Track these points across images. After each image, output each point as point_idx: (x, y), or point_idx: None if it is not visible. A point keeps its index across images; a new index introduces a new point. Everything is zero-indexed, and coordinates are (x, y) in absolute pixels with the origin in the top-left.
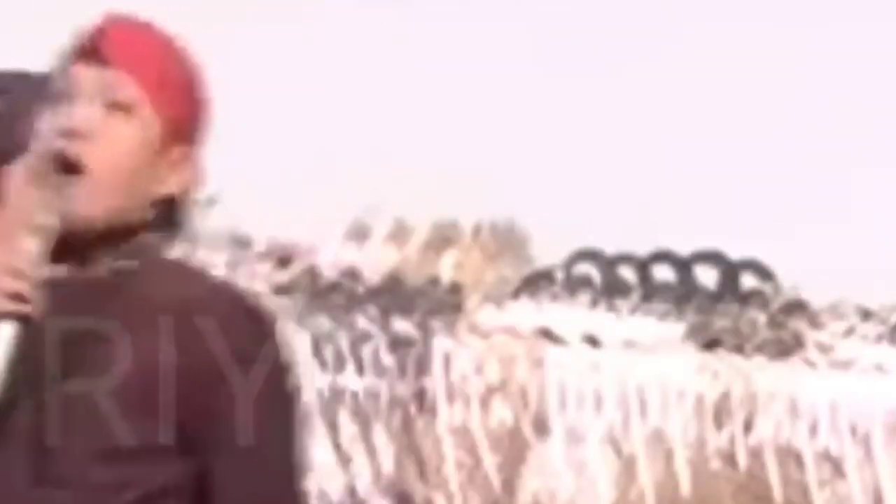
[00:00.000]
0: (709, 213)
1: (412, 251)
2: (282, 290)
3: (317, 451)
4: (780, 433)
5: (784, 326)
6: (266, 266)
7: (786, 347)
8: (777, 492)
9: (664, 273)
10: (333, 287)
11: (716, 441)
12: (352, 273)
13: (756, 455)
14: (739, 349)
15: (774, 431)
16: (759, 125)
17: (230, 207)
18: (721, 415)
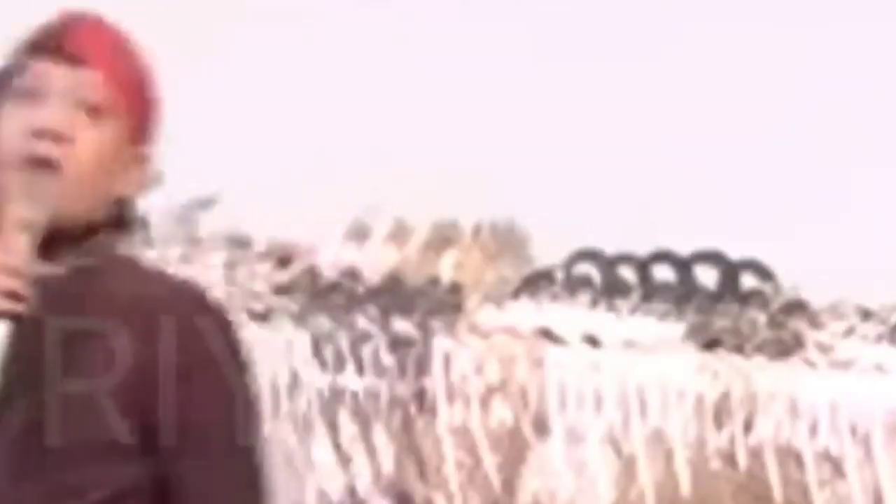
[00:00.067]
0: (709, 213)
1: (412, 251)
2: (282, 290)
3: (317, 451)
4: (780, 433)
5: (784, 326)
6: (266, 266)
7: (786, 347)
8: (777, 492)
9: (664, 273)
10: (333, 287)
11: (716, 441)
12: (352, 273)
13: (756, 455)
14: (739, 349)
15: (774, 431)
16: (759, 125)
17: (230, 207)
18: (721, 415)
